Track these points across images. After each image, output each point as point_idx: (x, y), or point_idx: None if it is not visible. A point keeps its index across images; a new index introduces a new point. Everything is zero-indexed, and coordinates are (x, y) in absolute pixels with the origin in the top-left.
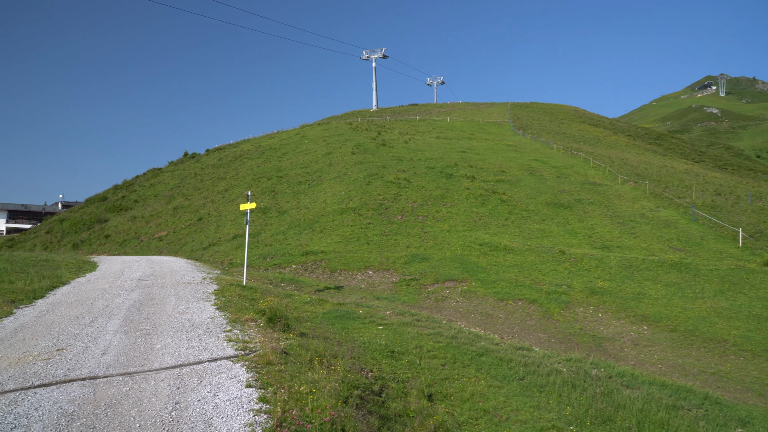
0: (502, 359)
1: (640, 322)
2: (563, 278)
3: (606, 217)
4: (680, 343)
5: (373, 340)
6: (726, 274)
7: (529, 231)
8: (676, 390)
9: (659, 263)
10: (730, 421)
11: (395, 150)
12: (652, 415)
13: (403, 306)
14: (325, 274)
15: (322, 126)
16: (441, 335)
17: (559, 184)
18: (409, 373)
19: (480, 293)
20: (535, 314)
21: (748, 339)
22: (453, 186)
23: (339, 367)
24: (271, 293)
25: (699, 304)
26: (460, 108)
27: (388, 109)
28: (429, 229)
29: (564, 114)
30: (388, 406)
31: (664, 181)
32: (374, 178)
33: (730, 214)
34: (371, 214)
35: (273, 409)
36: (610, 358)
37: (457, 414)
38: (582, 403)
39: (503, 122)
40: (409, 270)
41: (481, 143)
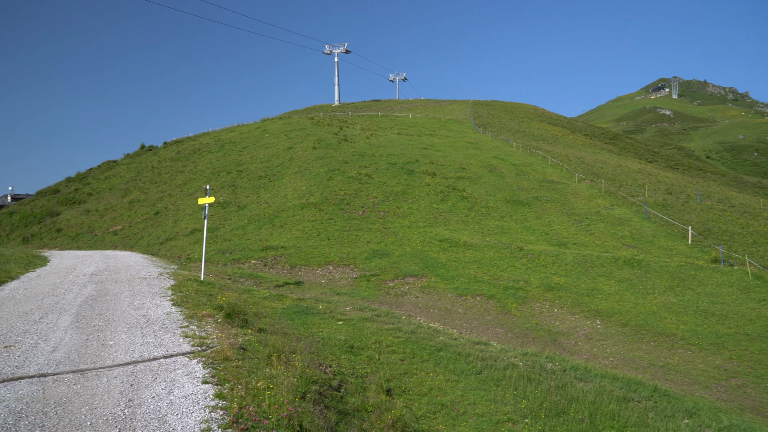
0: (461, 354)
1: (593, 316)
2: (521, 274)
3: (563, 214)
4: (631, 337)
5: (333, 335)
6: (676, 270)
7: (488, 227)
8: (627, 383)
9: (613, 260)
10: (678, 412)
11: (357, 145)
12: (603, 407)
13: (363, 301)
14: (285, 269)
15: (284, 120)
16: (400, 330)
17: (518, 182)
18: (368, 368)
19: (439, 289)
20: (493, 309)
21: (696, 333)
22: (414, 182)
23: (297, 363)
24: (230, 289)
25: (650, 299)
26: (422, 105)
27: (351, 105)
28: (390, 225)
29: (524, 113)
30: (347, 401)
31: (619, 180)
32: (336, 173)
33: (681, 212)
34: (332, 209)
35: (229, 405)
36: (564, 352)
37: (416, 408)
38: (537, 396)
39: (464, 120)
40: (369, 265)
41: (442, 140)
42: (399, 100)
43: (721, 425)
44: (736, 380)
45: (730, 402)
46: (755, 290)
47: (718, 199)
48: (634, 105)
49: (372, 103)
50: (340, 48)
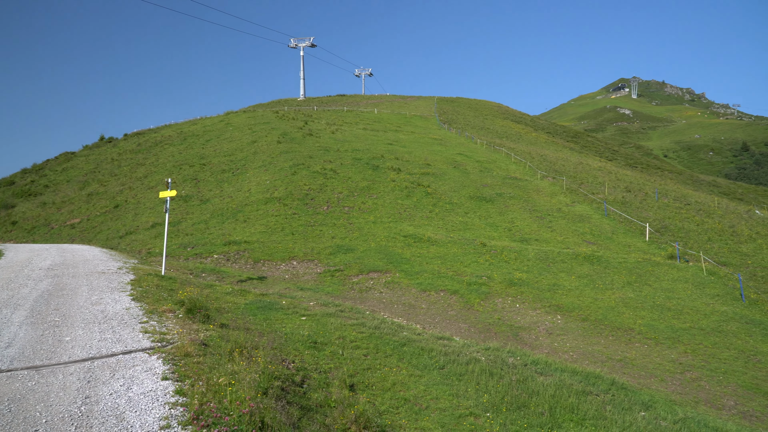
0: (424, 349)
1: (554, 312)
2: (484, 270)
3: (525, 211)
4: (591, 332)
5: (296, 330)
6: (633, 266)
7: (452, 223)
8: (586, 376)
9: (573, 256)
10: (635, 405)
11: (322, 140)
12: (563, 400)
13: (327, 297)
14: (248, 264)
15: (248, 114)
16: (364, 326)
17: (481, 178)
18: (331, 363)
19: (403, 284)
20: (457, 305)
21: (652, 328)
22: (379, 178)
23: (260, 359)
24: (191, 283)
25: (608, 294)
26: (387, 100)
27: (316, 99)
28: (354, 220)
29: (488, 110)
30: (310, 397)
31: (580, 178)
32: (300, 168)
33: (639, 210)
34: (297, 204)
35: (190, 401)
36: (526, 347)
37: (379, 403)
38: (499, 391)
39: (430, 116)
40: (334, 261)
41: (407, 136)
42: (365, 95)
43: (676, 418)
44: (690, 373)
45: (685, 395)
46: (709, 286)
47: (674, 197)
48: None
49: (337, 98)
50: (306, 42)
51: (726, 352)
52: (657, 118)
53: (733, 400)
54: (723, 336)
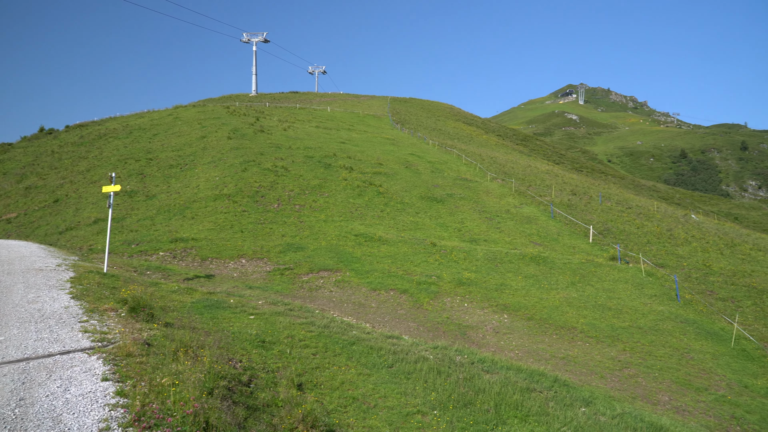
0: (373, 348)
1: (501, 311)
2: (433, 269)
3: (475, 211)
4: (536, 331)
5: (244, 329)
6: (577, 267)
7: (403, 223)
8: (530, 374)
9: (520, 256)
10: (576, 401)
11: (274, 137)
12: (508, 397)
13: (276, 295)
14: (195, 262)
15: (198, 108)
16: (313, 324)
17: (433, 179)
18: (279, 362)
19: (354, 283)
20: (406, 304)
21: (594, 326)
22: (331, 176)
23: (206, 358)
24: (135, 281)
25: (553, 294)
26: (341, 98)
27: (268, 95)
28: (305, 219)
29: (441, 111)
30: (257, 397)
31: (528, 180)
32: (251, 164)
33: (583, 212)
34: (246, 201)
35: (131, 403)
36: (473, 345)
37: (327, 402)
38: (446, 389)
39: (383, 115)
40: (283, 259)
41: (360, 135)
42: (318, 93)
43: (615, 413)
44: (628, 370)
45: (623, 391)
46: (648, 286)
47: (617, 200)
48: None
49: (290, 95)
50: (259, 37)
51: (662, 350)
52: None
53: (667, 395)
54: (659, 334)
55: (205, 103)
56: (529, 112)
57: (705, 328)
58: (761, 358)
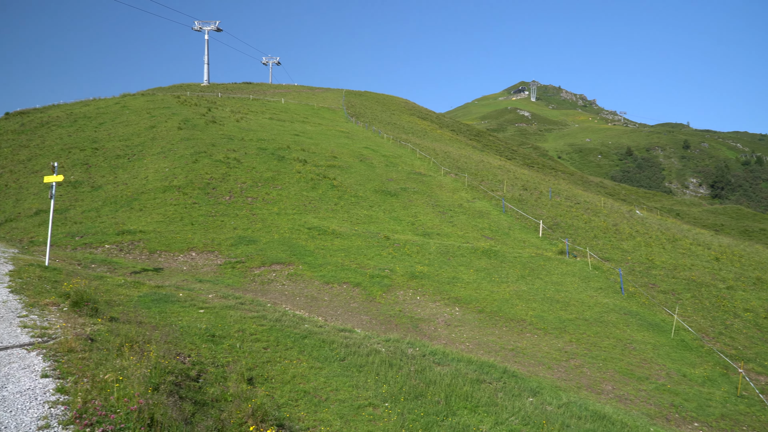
0: (325, 341)
1: (453, 304)
2: (387, 263)
3: (428, 205)
4: (486, 323)
5: (193, 324)
6: (527, 261)
7: (357, 216)
8: (480, 366)
9: (472, 250)
10: (524, 391)
11: (226, 128)
12: (458, 389)
13: (227, 289)
14: (143, 255)
15: (147, 97)
16: (265, 318)
17: (387, 173)
18: (229, 357)
19: (306, 276)
20: (359, 297)
21: (542, 318)
22: (284, 169)
23: (152, 353)
24: (79, 275)
25: (504, 287)
26: (295, 90)
27: (221, 85)
28: (258, 211)
29: (396, 105)
30: (206, 392)
31: (481, 175)
32: (202, 156)
33: (534, 207)
34: (197, 193)
35: (73, 400)
36: (425, 338)
37: (278, 396)
38: (397, 381)
39: (337, 108)
40: (235, 252)
41: (314, 127)
42: (272, 84)
43: (561, 402)
44: (574, 361)
45: (569, 381)
46: (594, 279)
47: (566, 196)
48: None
49: (243, 86)
50: (211, 25)
51: (606, 341)
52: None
53: (611, 384)
54: (604, 326)
55: (154, 92)
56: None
57: (647, 320)
58: (699, 349)
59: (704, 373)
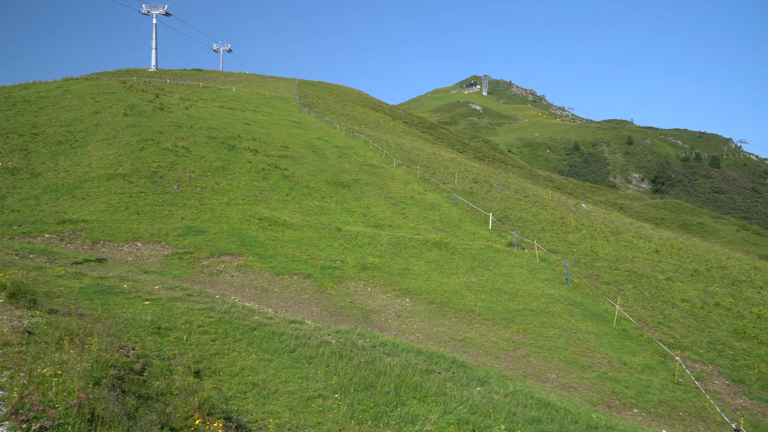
0: (275, 333)
1: (403, 295)
2: (338, 254)
3: (380, 197)
4: (436, 314)
5: (138, 316)
6: (477, 252)
7: (308, 207)
8: (430, 356)
9: (423, 242)
10: (472, 381)
11: (174, 115)
12: (408, 379)
13: (174, 280)
14: (85, 245)
15: (91, 81)
16: (213, 310)
17: (339, 164)
18: (176, 349)
19: (256, 268)
20: (310, 288)
21: (491, 309)
22: (235, 158)
23: (94, 346)
24: (16, 265)
25: (454, 279)
26: (246, 79)
27: (169, 72)
28: (207, 201)
29: (349, 96)
30: (150, 385)
31: (433, 168)
32: (149, 143)
33: (484, 200)
34: (143, 182)
35: (8, 395)
36: (375, 329)
37: (226, 389)
38: (348, 372)
39: (290, 98)
40: (183, 243)
41: (266, 117)
42: (223, 72)
43: (507, 391)
44: (521, 350)
45: (516, 370)
46: (541, 271)
47: (515, 189)
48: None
49: (193, 72)
50: (160, 9)
51: (552, 331)
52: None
53: (555, 373)
54: (550, 316)
55: (99, 76)
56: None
57: (590, 310)
58: (639, 337)
59: (643, 361)
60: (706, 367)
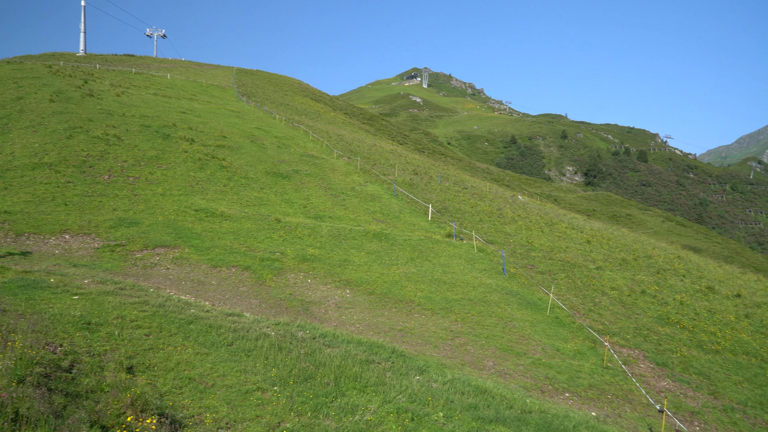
0: (212, 326)
1: (344, 286)
2: (277, 246)
3: (321, 188)
4: (376, 305)
5: (66, 311)
6: (417, 243)
7: (247, 198)
8: (370, 346)
9: (364, 233)
10: (411, 370)
11: (105, 102)
12: (347, 370)
13: (105, 273)
14: (8, 238)
15: (13, 65)
16: (147, 304)
17: (279, 154)
18: (107, 345)
19: (193, 260)
20: (248, 281)
21: (430, 299)
22: (170, 147)
23: (17, 343)
24: None
25: (394, 269)
26: (182, 66)
27: (99, 56)
28: (140, 192)
29: (288, 86)
30: (79, 382)
31: (373, 159)
32: (78, 131)
33: (424, 191)
34: (72, 171)
35: None
36: (315, 321)
37: (160, 384)
38: (287, 364)
39: (228, 86)
40: (115, 235)
41: (203, 105)
42: (157, 58)
43: (446, 379)
44: (459, 339)
45: (454, 358)
46: (479, 261)
47: (454, 181)
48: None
49: (125, 58)
50: None
51: (489, 320)
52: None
53: (492, 361)
54: (487, 305)
55: (22, 60)
56: (376, 92)
57: (526, 299)
58: (571, 325)
59: (575, 347)
60: (632, 352)
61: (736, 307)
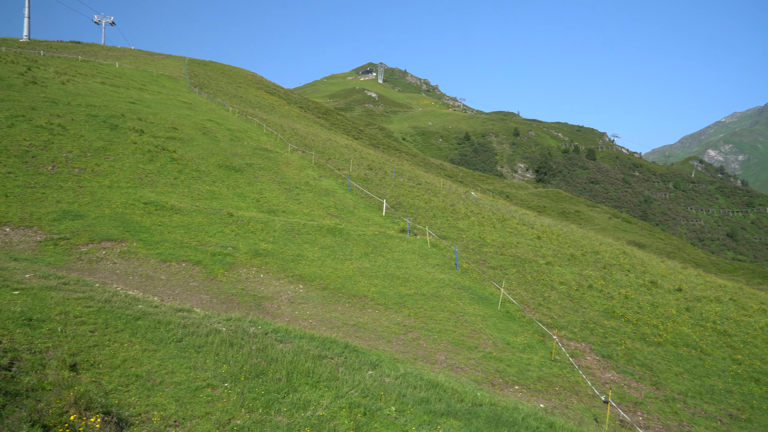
0: (161, 322)
1: (297, 281)
2: (229, 240)
3: (274, 182)
4: (330, 300)
5: (6, 307)
6: (371, 239)
7: (198, 192)
8: (323, 342)
9: (318, 228)
10: (364, 365)
11: (49, 91)
12: (300, 365)
13: (48, 268)
14: None
15: None
16: (92, 299)
17: (232, 147)
18: (49, 342)
19: (141, 254)
20: (199, 275)
21: (383, 294)
22: (118, 138)
23: None
24: None
25: (347, 264)
26: (132, 55)
27: (44, 43)
28: (86, 184)
29: (242, 78)
30: (19, 381)
31: (328, 153)
32: (19, 120)
33: (378, 187)
34: (13, 161)
35: None
36: (268, 316)
37: (106, 382)
38: (238, 360)
39: (179, 77)
40: (58, 228)
41: (153, 96)
42: (105, 46)
43: (398, 373)
44: (412, 334)
45: (407, 353)
46: (432, 256)
47: (409, 177)
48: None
49: (71, 45)
50: None
51: (441, 314)
52: (398, 104)
53: (444, 355)
54: (440, 300)
55: None
56: (331, 87)
57: (477, 294)
58: (521, 319)
59: (525, 340)
60: (579, 345)
61: (678, 301)
